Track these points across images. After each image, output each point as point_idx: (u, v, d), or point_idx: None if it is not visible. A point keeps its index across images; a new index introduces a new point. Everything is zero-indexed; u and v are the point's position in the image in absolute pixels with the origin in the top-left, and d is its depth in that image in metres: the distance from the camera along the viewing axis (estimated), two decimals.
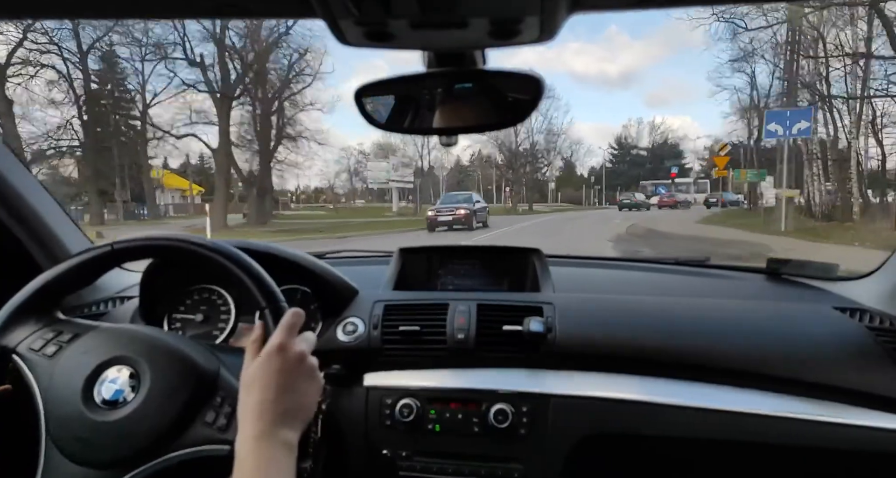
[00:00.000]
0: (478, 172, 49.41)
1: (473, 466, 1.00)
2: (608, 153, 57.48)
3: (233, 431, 0.67)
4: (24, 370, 0.73)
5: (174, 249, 0.82)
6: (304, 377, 0.65)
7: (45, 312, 0.80)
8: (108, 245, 0.81)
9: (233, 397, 0.69)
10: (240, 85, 21.44)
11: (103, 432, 0.68)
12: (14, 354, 0.75)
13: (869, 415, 0.94)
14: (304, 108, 22.93)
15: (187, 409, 0.70)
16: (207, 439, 0.69)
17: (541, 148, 38.93)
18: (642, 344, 1.03)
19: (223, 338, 1.11)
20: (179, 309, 1.14)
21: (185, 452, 0.69)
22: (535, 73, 0.54)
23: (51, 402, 0.71)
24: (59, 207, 1.22)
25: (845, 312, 1.08)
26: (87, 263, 0.81)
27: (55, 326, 0.78)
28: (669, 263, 1.46)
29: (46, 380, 0.72)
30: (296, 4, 0.39)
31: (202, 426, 0.70)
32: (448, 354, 1.04)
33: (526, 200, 37.51)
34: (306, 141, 23.16)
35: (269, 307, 0.76)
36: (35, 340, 0.76)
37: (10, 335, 0.76)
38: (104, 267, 0.84)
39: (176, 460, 0.68)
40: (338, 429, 1.02)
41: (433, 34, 0.42)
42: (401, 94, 0.59)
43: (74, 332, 0.77)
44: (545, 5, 0.36)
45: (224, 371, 0.76)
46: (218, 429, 0.70)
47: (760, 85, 23.04)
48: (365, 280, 1.19)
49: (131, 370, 0.72)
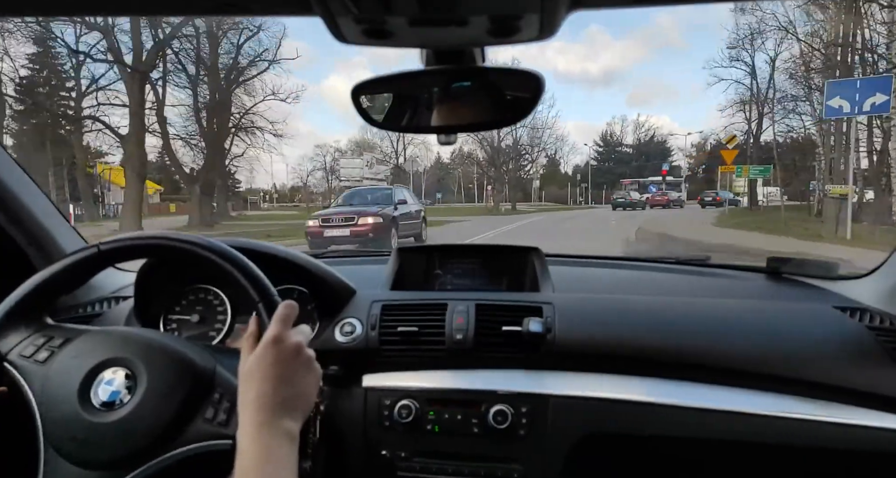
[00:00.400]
0: (458, 169, 48.26)
1: (473, 466, 1.00)
2: (593, 150, 57.45)
3: (233, 426, 0.68)
4: (16, 377, 0.73)
5: (163, 248, 0.81)
6: (302, 368, 0.66)
7: (35, 318, 0.80)
8: (95, 246, 0.81)
9: (231, 392, 0.71)
10: (158, 59, 16.97)
11: (102, 433, 0.69)
12: (5, 362, 0.75)
13: (869, 415, 0.94)
14: (264, 97, 20.40)
15: (185, 407, 0.71)
16: (209, 435, 0.70)
17: (524, 144, 37.70)
18: (642, 344, 1.03)
19: (219, 339, 1.11)
20: (175, 309, 1.13)
21: (187, 449, 0.69)
22: (535, 70, 0.53)
23: (46, 406, 0.71)
24: (54, 207, 1.21)
25: (846, 311, 1.07)
26: (74, 266, 0.81)
27: (45, 331, 0.78)
28: (670, 263, 1.45)
29: (40, 385, 0.72)
30: (294, 2, 0.38)
31: (202, 423, 0.70)
32: (447, 355, 1.04)
33: (508, 199, 36.48)
34: (261, 132, 20.32)
35: (262, 301, 0.75)
36: (26, 346, 0.76)
37: (1, 342, 0.76)
38: (92, 269, 0.83)
39: (177, 457, 0.69)
40: (336, 430, 1.02)
41: (432, 32, 0.42)
42: (399, 92, 0.58)
43: (66, 336, 0.77)
44: (545, 2, 0.36)
45: (220, 368, 0.76)
46: (219, 424, 0.70)
47: (761, 78, 21.58)
48: (362, 280, 1.18)
49: (127, 371, 0.72)
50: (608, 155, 56.20)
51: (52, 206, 1.20)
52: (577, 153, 78.37)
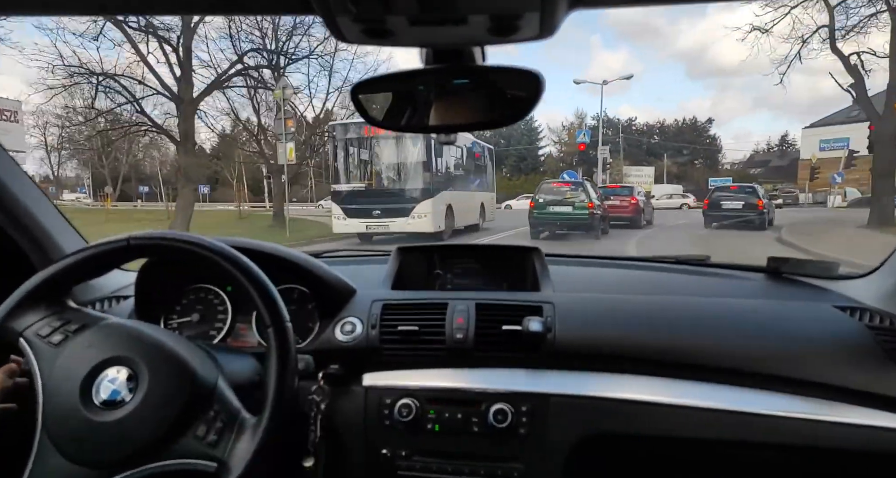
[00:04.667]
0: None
1: (473, 465, 1.00)
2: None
3: (221, 447, 0.69)
4: (29, 355, 0.74)
5: (188, 253, 0.81)
6: None
7: (56, 300, 0.80)
8: (125, 239, 0.81)
9: (227, 412, 0.72)
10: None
11: (96, 431, 0.69)
12: (21, 338, 0.76)
13: (869, 414, 0.94)
14: None
15: (180, 419, 0.71)
16: (195, 453, 0.70)
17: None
18: (642, 343, 1.03)
19: (220, 338, 1.11)
20: (176, 309, 1.14)
21: (171, 463, 0.69)
22: (534, 69, 0.53)
23: (49, 393, 0.72)
24: (55, 208, 1.21)
25: (845, 311, 1.08)
26: (102, 255, 0.82)
27: (64, 314, 0.79)
28: (670, 262, 1.45)
29: (48, 369, 0.73)
30: (294, 1, 0.39)
31: (192, 439, 0.70)
32: (447, 354, 1.04)
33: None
34: None
35: (273, 327, 0.77)
36: (43, 326, 0.77)
37: (19, 318, 0.77)
38: (116, 261, 0.84)
39: (160, 469, 0.69)
40: (337, 429, 1.02)
41: (432, 31, 0.42)
42: (399, 91, 0.58)
43: (82, 322, 0.78)
44: (545, 1, 0.36)
45: (222, 382, 0.76)
46: (208, 444, 0.70)
47: None
48: (363, 279, 1.19)
49: (130, 372, 0.72)
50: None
51: (52, 206, 1.20)
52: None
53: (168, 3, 0.44)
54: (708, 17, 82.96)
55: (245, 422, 0.73)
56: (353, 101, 0.58)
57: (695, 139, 47.61)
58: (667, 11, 72.23)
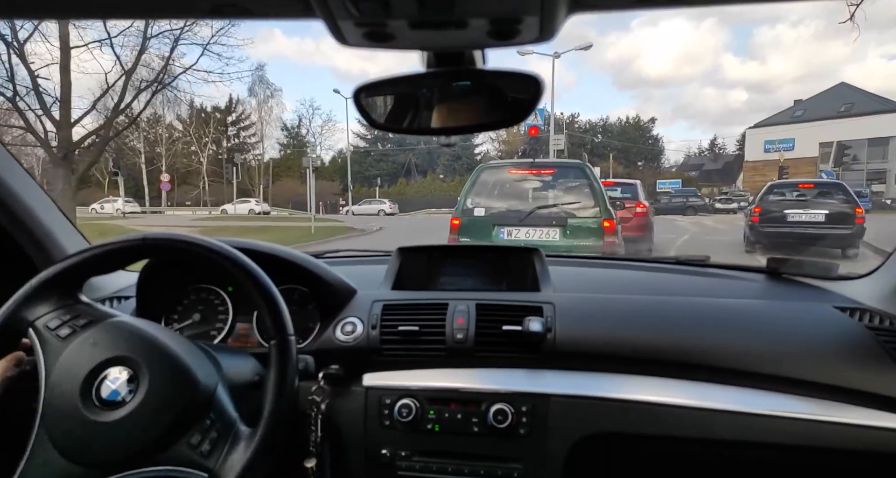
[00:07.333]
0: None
1: (473, 465, 1.00)
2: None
3: (214, 458, 0.69)
4: (36, 346, 0.75)
5: (201, 257, 0.81)
6: None
7: (67, 293, 0.81)
8: (141, 238, 0.81)
9: (223, 422, 0.72)
10: None
11: (92, 430, 0.69)
12: (31, 328, 0.76)
13: (869, 414, 0.94)
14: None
15: (176, 425, 0.71)
16: (187, 461, 0.70)
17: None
18: (642, 344, 1.03)
19: (221, 338, 1.11)
20: (177, 309, 1.14)
21: (163, 469, 0.69)
22: (534, 73, 0.54)
23: (51, 386, 0.72)
24: (56, 208, 1.21)
25: (845, 311, 1.07)
26: (116, 252, 0.82)
27: (74, 308, 0.80)
28: (670, 263, 1.45)
29: (53, 362, 0.73)
30: (295, 5, 0.39)
31: (186, 447, 0.70)
32: (447, 354, 1.05)
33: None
34: None
35: (276, 339, 0.78)
36: (52, 318, 0.77)
37: (32, 308, 0.77)
38: (130, 258, 0.84)
39: (152, 474, 0.69)
40: (337, 429, 1.03)
41: (432, 34, 0.42)
42: (400, 94, 0.59)
43: (90, 318, 0.78)
44: (545, 5, 0.36)
45: (221, 389, 0.76)
46: (200, 454, 0.70)
47: None
48: (363, 280, 1.19)
49: (131, 373, 0.72)
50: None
51: (54, 206, 1.20)
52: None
53: (167, 7, 0.44)
54: (632, 31, 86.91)
55: (240, 434, 0.73)
56: (355, 104, 0.58)
57: (638, 138, 48.05)
58: (597, 24, 75.03)
